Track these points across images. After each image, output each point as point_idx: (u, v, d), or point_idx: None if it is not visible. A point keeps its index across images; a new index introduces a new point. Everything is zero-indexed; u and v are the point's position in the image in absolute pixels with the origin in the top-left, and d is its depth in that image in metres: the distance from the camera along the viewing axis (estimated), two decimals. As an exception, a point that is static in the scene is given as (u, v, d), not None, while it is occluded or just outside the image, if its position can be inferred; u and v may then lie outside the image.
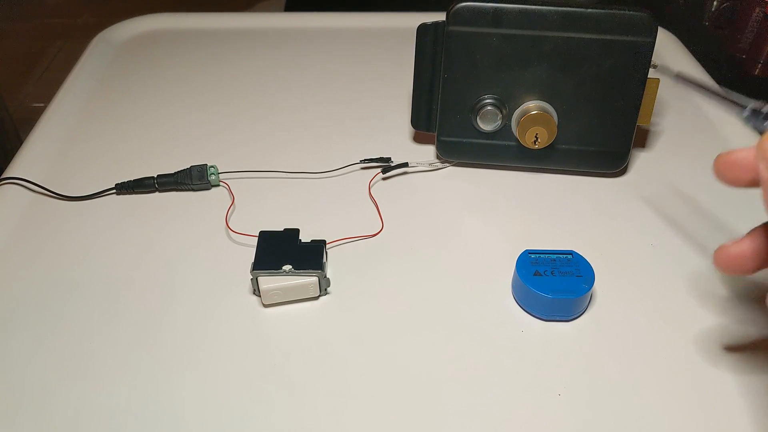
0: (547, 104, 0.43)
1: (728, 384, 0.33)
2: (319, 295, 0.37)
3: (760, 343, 0.35)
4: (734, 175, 0.26)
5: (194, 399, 0.32)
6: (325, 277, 0.37)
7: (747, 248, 0.28)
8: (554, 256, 0.37)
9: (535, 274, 0.36)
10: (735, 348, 0.35)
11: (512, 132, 0.45)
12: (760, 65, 0.70)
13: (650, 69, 0.42)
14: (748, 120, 0.26)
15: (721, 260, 0.28)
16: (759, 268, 0.28)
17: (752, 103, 0.25)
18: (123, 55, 0.62)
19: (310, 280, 0.36)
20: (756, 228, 0.28)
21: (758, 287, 0.38)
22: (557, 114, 0.44)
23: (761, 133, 0.25)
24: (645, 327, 0.36)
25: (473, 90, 0.44)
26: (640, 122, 0.44)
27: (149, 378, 0.33)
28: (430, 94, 0.46)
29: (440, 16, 0.43)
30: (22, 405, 0.32)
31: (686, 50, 0.63)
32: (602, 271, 0.38)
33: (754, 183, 0.26)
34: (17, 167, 0.47)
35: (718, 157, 0.27)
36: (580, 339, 0.35)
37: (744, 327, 0.36)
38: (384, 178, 0.47)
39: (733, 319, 0.36)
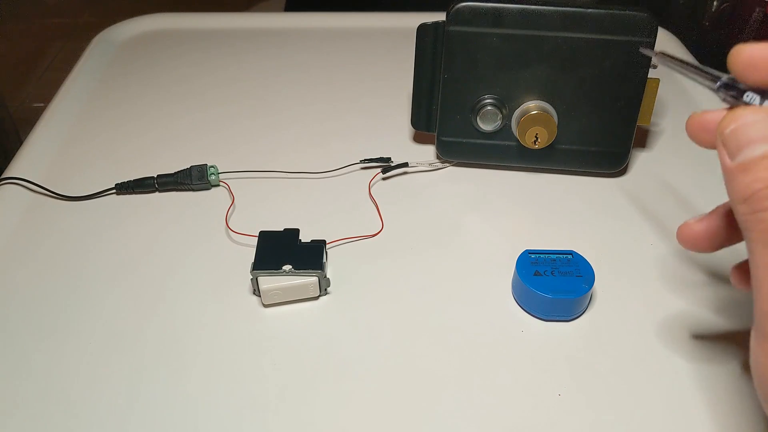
0: (547, 104, 0.43)
1: (730, 383, 0.33)
2: (319, 295, 0.37)
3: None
4: (702, 138, 0.25)
5: (194, 399, 0.32)
6: (325, 277, 0.37)
7: (706, 227, 0.27)
8: (554, 256, 0.37)
9: (535, 274, 0.36)
10: (736, 348, 0.35)
11: (512, 132, 0.45)
12: (760, 65, 0.70)
13: (650, 69, 0.42)
14: (719, 91, 0.24)
15: (683, 236, 0.28)
16: (717, 248, 0.28)
17: (725, 77, 0.24)
18: (123, 55, 0.62)
19: (310, 280, 0.36)
20: (718, 207, 0.27)
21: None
22: (557, 114, 0.44)
23: (731, 106, 0.23)
24: (645, 327, 0.36)
25: (473, 90, 0.44)
26: (640, 122, 0.44)
27: (149, 378, 0.33)
28: (430, 94, 0.46)
29: (440, 16, 0.43)
30: (22, 405, 0.32)
31: (686, 50, 0.63)
32: (602, 271, 0.38)
33: None
34: (17, 167, 0.47)
35: (690, 117, 0.26)
36: (580, 339, 0.35)
37: (745, 326, 0.36)
38: (384, 178, 0.47)
39: (734, 320, 0.36)
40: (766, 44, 0.23)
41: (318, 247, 0.38)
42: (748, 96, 0.22)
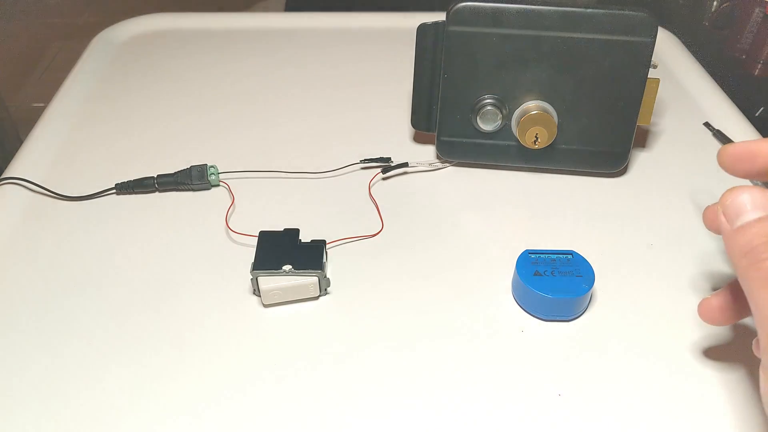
0: (547, 104, 0.43)
1: (730, 384, 0.33)
2: (319, 295, 0.37)
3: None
4: (738, 168, 0.29)
5: (194, 399, 0.32)
6: (325, 277, 0.37)
7: (722, 300, 0.30)
8: (554, 256, 0.37)
9: (535, 274, 0.36)
10: (736, 348, 0.35)
11: (512, 132, 0.45)
12: (760, 65, 0.70)
13: (650, 69, 0.42)
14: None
15: (703, 312, 0.31)
16: (731, 320, 0.31)
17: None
18: (123, 55, 0.62)
19: (310, 280, 0.36)
20: (728, 284, 0.31)
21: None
22: (557, 114, 0.44)
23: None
24: (645, 327, 0.36)
25: (473, 90, 0.44)
26: (641, 122, 0.44)
27: (149, 378, 0.33)
28: (430, 94, 0.46)
29: (440, 16, 0.43)
30: (23, 405, 0.32)
31: (686, 50, 0.63)
32: (602, 271, 0.38)
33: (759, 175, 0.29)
34: (17, 167, 0.47)
35: (724, 149, 0.29)
36: (580, 339, 0.35)
37: (744, 327, 0.36)
38: (384, 178, 0.47)
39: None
40: (744, 142, 0.28)
41: (318, 247, 0.38)
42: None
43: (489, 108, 0.44)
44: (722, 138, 0.31)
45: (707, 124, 0.35)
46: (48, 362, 0.34)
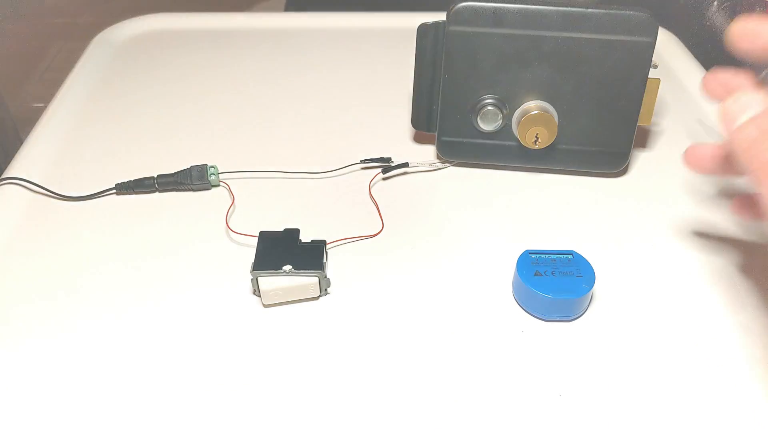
0: (548, 104, 0.43)
1: (729, 383, 0.33)
2: (320, 296, 0.37)
3: (762, 344, 0.35)
4: (697, 165, 0.34)
5: (194, 399, 0.32)
6: (326, 277, 0.37)
7: (713, 151, 0.34)
8: (555, 256, 0.37)
9: (535, 275, 0.36)
10: (737, 348, 0.35)
11: (513, 132, 0.45)
12: (760, 65, 0.70)
13: (651, 69, 0.42)
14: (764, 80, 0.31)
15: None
16: (720, 172, 0.34)
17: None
18: (123, 55, 0.62)
19: (310, 280, 0.36)
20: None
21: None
22: (558, 114, 0.44)
23: None
24: (645, 327, 0.36)
25: (473, 90, 0.44)
26: (641, 122, 0.44)
27: (149, 378, 0.33)
28: (431, 94, 0.46)
29: (440, 16, 0.43)
30: (22, 405, 0.32)
31: (686, 50, 0.63)
32: (602, 271, 0.38)
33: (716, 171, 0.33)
34: (17, 167, 0.47)
35: (686, 150, 0.34)
36: (580, 339, 0.35)
37: (745, 328, 0.36)
38: (384, 178, 0.47)
39: (735, 320, 0.36)
40: (748, 20, 0.30)
41: (318, 247, 0.38)
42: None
43: (489, 108, 0.44)
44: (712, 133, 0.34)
45: (700, 122, 0.37)
46: (48, 362, 0.34)
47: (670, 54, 0.62)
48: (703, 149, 0.34)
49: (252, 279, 0.36)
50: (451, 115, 0.45)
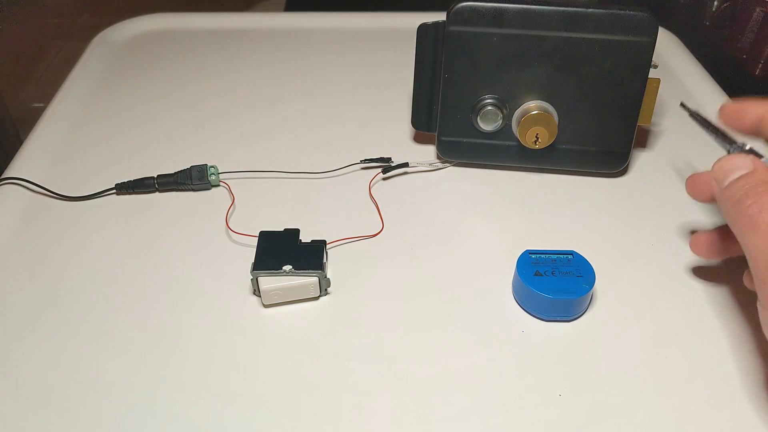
0: (548, 104, 0.43)
1: (729, 383, 0.33)
2: (320, 296, 0.37)
3: (761, 342, 0.35)
4: (696, 191, 0.35)
5: (194, 399, 0.32)
6: (326, 277, 0.37)
7: (710, 238, 0.36)
8: (555, 256, 0.37)
9: (535, 275, 0.36)
10: (736, 348, 0.35)
11: (513, 132, 0.45)
12: (760, 65, 0.70)
13: (651, 69, 0.42)
14: (732, 149, 0.32)
15: (693, 246, 0.37)
16: (718, 255, 0.36)
17: (739, 141, 0.32)
18: (123, 55, 0.62)
19: (310, 280, 0.36)
20: (719, 226, 0.36)
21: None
22: (558, 114, 0.44)
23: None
24: (645, 327, 0.36)
25: (473, 90, 0.44)
26: (641, 122, 0.44)
27: (149, 378, 0.33)
28: (431, 94, 0.46)
29: (440, 16, 0.43)
30: (22, 406, 0.32)
31: (686, 50, 0.63)
32: (602, 271, 0.38)
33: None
34: (17, 167, 0.47)
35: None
36: (580, 339, 0.35)
37: (746, 327, 0.36)
38: (384, 178, 0.47)
39: (735, 319, 0.36)
40: (735, 102, 0.34)
41: (318, 247, 0.38)
42: (734, 149, 0.32)
43: (489, 108, 0.44)
44: (700, 119, 0.35)
45: (683, 105, 0.37)
46: (47, 362, 0.34)
47: (670, 54, 0.62)
48: (702, 237, 0.36)
49: (252, 279, 0.36)
50: (451, 115, 0.45)
